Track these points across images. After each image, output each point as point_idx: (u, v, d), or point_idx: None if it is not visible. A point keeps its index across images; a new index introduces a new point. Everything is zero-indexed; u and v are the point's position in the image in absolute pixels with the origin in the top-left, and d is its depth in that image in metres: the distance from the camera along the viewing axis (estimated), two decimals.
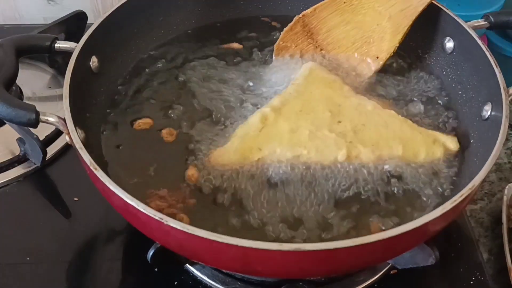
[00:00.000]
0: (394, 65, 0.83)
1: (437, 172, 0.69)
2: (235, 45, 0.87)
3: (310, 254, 0.51)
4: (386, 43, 0.79)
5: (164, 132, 0.73)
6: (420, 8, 0.77)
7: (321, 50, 0.82)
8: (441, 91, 0.80)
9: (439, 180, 0.68)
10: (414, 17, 0.77)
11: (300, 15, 0.81)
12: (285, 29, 0.82)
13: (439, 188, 0.67)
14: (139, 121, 0.74)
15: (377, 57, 0.80)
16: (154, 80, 0.82)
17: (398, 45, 0.79)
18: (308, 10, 0.81)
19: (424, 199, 0.66)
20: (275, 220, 0.63)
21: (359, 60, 0.81)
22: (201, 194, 0.65)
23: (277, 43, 0.82)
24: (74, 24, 0.99)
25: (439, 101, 0.79)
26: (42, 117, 0.62)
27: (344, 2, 0.79)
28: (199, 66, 0.84)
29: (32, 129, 0.78)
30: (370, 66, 0.81)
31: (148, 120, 0.75)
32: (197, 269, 0.71)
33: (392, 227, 0.59)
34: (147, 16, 0.85)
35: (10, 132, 0.84)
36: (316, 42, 0.82)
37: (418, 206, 0.65)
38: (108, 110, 0.76)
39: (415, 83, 0.81)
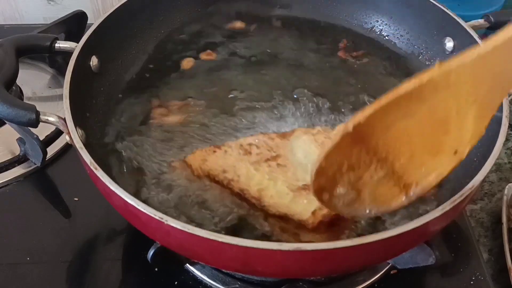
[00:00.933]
0: (392, 66, 0.84)
1: None
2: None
3: (310, 254, 0.51)
4: (468, 132, 0.54)
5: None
6: None
7: (375, 157, 0.55)
8: None
9: None
10: (505, 93, 0.55)
11: (349, 129, 0.51)
12: (326, 151, 0.53)
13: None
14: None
15: (456, 152, 0.55)
16: (154, 80, 0.82)
17: (484, 131, 0.55)
18: (359, 119, 0.51)
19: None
20: None
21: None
22: None
23: (316, 172, 0.54)
24: (74, 24, 0.99)
25: None
26: (42, 117, 0.62)
27: (411, 95, 0.51)
28: (199, 66, 0.84)
29: (32, 129, 0.78)
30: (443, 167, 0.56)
31: None
32: (197, 269, 0.71)
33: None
34: (147, 16, 0.85)
35: (10, 132, 0.84)
36: (368, 149, 0.54)
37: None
38: (108, 110, 0.76)
39: None
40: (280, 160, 0.67)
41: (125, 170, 0.69)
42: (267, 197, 0.64)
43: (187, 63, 0.84)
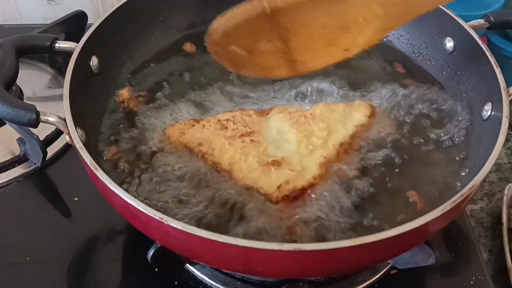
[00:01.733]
0: (393, 66, 0.84)
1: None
2: None
3: (310, 254, 0.51)
4: (364, 38, 0.64)
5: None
6: (423, 11, 0.63)
7: (277, 31, 0.62)
8: (441, 91, 0.80)
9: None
10: (410, 19, 0.65)
11: (265, 8, 0.59)
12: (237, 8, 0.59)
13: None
14: None
15: (346, 49, 0.64)
16: (154, 79, 0.82)
17: (378, 42, 0.64)
18: (278, 3, 0.59)
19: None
20: None
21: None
22: None
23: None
24: (74, 24, 0.99)
25: (439, 101, 0.79)
26: (42, 117, 0.62)
27: None
28: (199, 66, 0.84)
29: (32, 129, 0.78)
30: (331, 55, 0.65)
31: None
32: (197, 269, 0.71)
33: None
34: (147, 16, 0.85)
35: (10, 132, 0.84)
36: (274, 24, 0.61)
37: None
38: (109, 110, 0.76)
39: (415, 84, 0.81)
40: (254, 136, 0.70)
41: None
42: (237, 170, 0.67)
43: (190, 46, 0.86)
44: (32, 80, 0.99)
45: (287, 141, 0.70)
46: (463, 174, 0.68)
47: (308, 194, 0.65)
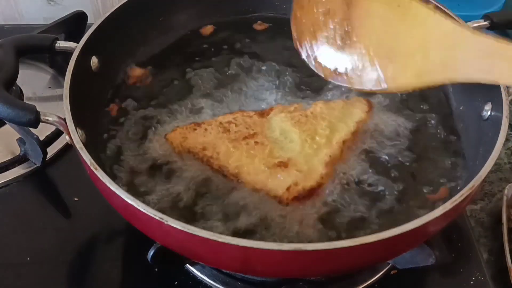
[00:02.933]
0: None
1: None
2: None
3: (310, 254, 0.51)
4: (404, 75, 0.66)
5: None
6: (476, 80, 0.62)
7: (345, 23, 0.69)
8: (441, 91, 0.80)
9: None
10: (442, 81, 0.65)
11: None
12: None
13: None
14: None
15: (382, 80, 0.68)
16: (154, 79, 0.82)
17: (412, 90, 0.66)
18: None
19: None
20: None
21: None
22: None
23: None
24: (74, 24, 0.99)
25: (439, 102, 0.79)
26: (42, 117, 0.62)
27: (398, 6, 0.65)
28: (198, 66, 0.84)
29: (32, 129, 0.78)
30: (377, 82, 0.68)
31: None
32: (197, 269, 0.71)
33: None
34: (147, 16, 0.85)
35: (10, 132, 0.84)
36: (348, 17, 0.68)
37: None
38: (108, 110, 0.76)
39: None
40: (258, 138, 0.70)
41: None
42: (244, 173, 0.67)
43: None
44: (32, 80, 0.98)
45: (291, 141, 0.70)
46: (462, 174, 0.69)
47: (317, 193, 0.66)
